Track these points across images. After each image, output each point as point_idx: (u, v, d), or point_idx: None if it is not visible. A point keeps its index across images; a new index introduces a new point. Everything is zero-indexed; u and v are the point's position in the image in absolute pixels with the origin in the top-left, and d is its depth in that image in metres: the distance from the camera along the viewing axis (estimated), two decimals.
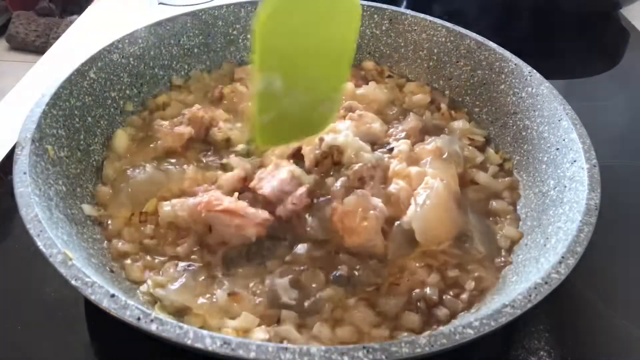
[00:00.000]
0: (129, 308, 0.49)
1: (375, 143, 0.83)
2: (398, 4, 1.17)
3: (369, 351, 0.45)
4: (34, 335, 0.65)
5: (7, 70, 2.89)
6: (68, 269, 0.52)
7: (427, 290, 0.65)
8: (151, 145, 0.83)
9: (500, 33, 0.99)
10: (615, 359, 0.67)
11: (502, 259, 0.70)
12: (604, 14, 1.38)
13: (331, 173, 0.77)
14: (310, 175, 0.77)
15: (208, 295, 0.63)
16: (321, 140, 0.78)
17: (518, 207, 0.78)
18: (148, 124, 0.88)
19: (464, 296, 0.65)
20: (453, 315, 0.64)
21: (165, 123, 0.85)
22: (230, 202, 0.68)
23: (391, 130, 0.87)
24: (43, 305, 0.68)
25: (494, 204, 0.78)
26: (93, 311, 0.65)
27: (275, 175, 0.74)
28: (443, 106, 0.94)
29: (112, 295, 0.50)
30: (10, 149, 0.88)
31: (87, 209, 0.72)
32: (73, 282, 0.51)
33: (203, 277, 0.65)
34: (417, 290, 0.65)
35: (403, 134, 0.85)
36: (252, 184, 0.74)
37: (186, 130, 0.82)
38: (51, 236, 0.55)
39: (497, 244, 0.73)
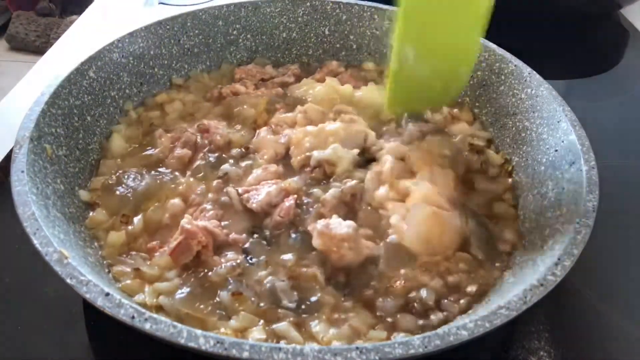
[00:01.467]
0: (123, 307, 0.49)
1: (365, 150, 0.83)
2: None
3: (362, 352, 0.45)
4: (33, 335, 0.66)
5: (7, 70, 2.90)
6: (63, 268, 0.52)
7: (423, 292, 0.64)
8: (146, 153, 0.83)
9: (500, 34, 0.99)
10: (615, 359, 0.67)
11: (503, 262, 0.70)
12: (604, 14, 1.38)
13: (322, 183, 0.77)
14: (298, 178, 0.77)
15: (211, 301, 0.63)
16: (308, 157, 0.79)
17: (517, 209, 0.78)
18: (143, 123, 0.89)
19: (463, 301, 0.65)
20: (450, 318, 0.63)
21: (166, 137, 0.84)
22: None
23: (382, 141, 0.85)
24: (43, 305, 0.69)
25: (496, 206, 0.78)
26: (92, 311, 0.65)
27: (264, 188, 0.74)
28: (444, 108, 0.94)
29: (107, 294, 0.50)
30: (10, 149, 0.88)
31: (84, 194, 0.74)
32: (68, 280, 0.51)
33: (208, 284, 0.65)
34: (413, 293, 0.65)
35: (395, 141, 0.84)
36: (240, 192, 0.74)
37: (183, 152, 0.82)
38: (47, 234, 0.55)
39: (497, 249, 0.72)
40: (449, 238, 0.71)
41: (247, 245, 0.69)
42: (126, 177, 0.77)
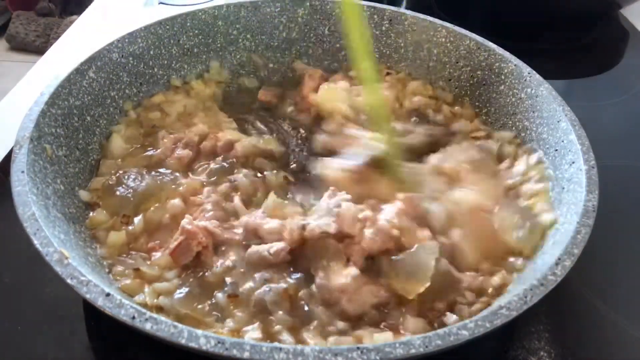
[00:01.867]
0: (123, 307, 0.49)
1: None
2: (398, 5, 1.17)
3: (363, 351, 0.45)
4: (33, 335, 0.65)
5: (7, 70, 2.90)
6: (64, 268, 0.52)
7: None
8: (147, 154, 0.83)
9: (500, 34, 0.99)
10: (615, 359, 0.67)
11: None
12: (604, 14, 1.38)
13: None
14: None
15: (208, 302, 0.63)
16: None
17: None
18: (143, 124, 0.88)
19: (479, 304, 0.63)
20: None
21: (168, 139, 0.84)
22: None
23: None
24: (43, 305, 0.68)
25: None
26: (92, 311, 0.65)
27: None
28: (445, 107, 0.93)
29: (108, 294, 0.50)
30: (10, 149, 0.88)
31: (84, 194, 0.73)
32: (68, 280, 0.51)
33: (206, 284, 0.65)
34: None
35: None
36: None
37: (184, 153, 0.81)
38: (47, 235, 0.55)
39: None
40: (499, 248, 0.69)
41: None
42: (126, 177, 0.77)
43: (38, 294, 0.69)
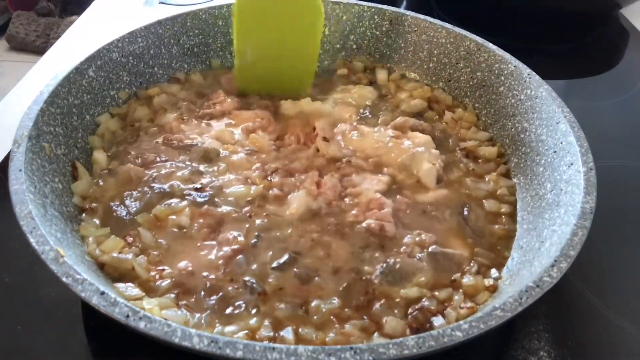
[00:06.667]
0: (118, 305, 0.49)
1: None
2: (398, 5, 1.17)
3: (357, 352, 0.45)
4: (33, 335, 0.65)
5: (7, 70, 2.91)
6: (59, 266, 0.52)
7: (425, 301, 0.63)
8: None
9: (500, 34, 0.99)
10: (615, 359, 0.67)
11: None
12: (604, 14, 1.38)
13: None
14: None
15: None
16: None
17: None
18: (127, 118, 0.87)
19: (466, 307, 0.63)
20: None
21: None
22: None
23: None
24: (42, 305, 0.69)
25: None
26: (91, 311, 0.65)
27: None
28: (447, 114, 0.92)
29: (102, 293, 0.50)
30: (10, 149, 0.88)
31: (77, 199, 0.73)
32: (64, 279, 0.51)
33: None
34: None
35: None
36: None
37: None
38: (44, 233, 0.55)
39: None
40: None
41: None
42: (126, 197, 0.74)
43: (38, 294, 0.69)
